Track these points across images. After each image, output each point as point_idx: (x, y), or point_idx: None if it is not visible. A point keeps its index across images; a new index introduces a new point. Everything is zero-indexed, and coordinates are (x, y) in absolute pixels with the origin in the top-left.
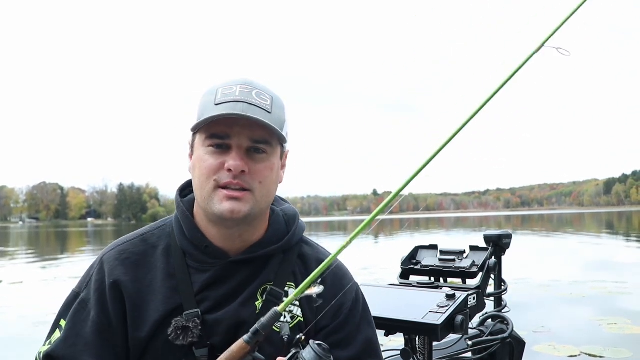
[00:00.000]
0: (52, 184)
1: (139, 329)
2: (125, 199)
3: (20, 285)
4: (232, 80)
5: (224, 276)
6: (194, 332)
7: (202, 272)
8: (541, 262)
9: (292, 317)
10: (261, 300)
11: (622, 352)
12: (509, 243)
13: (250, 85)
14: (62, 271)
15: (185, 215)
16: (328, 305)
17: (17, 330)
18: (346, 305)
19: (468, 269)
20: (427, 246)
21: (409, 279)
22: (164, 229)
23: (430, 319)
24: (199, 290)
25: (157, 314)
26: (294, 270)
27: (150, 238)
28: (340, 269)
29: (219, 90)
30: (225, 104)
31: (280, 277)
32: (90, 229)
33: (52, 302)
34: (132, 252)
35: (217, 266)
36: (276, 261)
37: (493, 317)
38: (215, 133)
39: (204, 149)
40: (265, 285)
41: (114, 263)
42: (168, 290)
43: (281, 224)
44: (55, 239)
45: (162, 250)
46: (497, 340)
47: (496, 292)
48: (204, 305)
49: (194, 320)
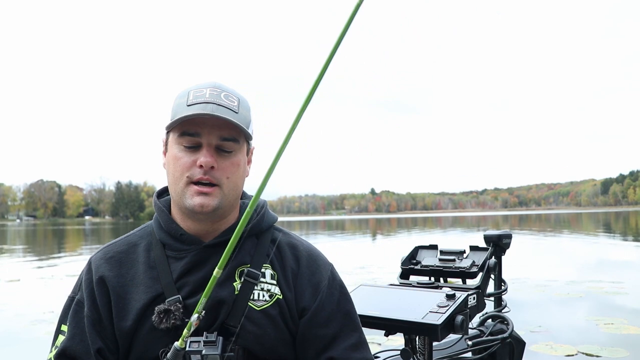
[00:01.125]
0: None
1: (124, 319)
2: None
3: (18, 283)
4: (202, 83)
5: (200, 261)
6: (176, 314)
7: (180, 260)
8: (538, 262)
9: (271, 295)
10: (239, 281)
11: (619, 352)
12: (509, 243)
13: (219, 88)
14: (60, 269)
15: (161, 210)
16: (305, 284)
17: (14, 329)
18: (323, 283)
19: (468, 269)
20: (427, 246)
21: (409, 279)
22: (145, 229)
23: (430, 319)
24: (178, 277)
25: (139, 303)
26: (268, 253)
27: (132, 239)
28: (313, 251)
29: (190, 93)
30: (196, 104)
31: (257, 259)
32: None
33: (49, 300)
34: (116, 251)
35: (193, 251)
36: (250, 244)
37: (493, 317)
38: (187, 131)
39: (177, 146)
40: (242, 268)
41: (99, 262)
42: (149, 280)
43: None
44: (53, 237)
45: (144, 247)
46: (497, 340)
47: (496, 292)
48: (184, 290)
49: (175, 304)
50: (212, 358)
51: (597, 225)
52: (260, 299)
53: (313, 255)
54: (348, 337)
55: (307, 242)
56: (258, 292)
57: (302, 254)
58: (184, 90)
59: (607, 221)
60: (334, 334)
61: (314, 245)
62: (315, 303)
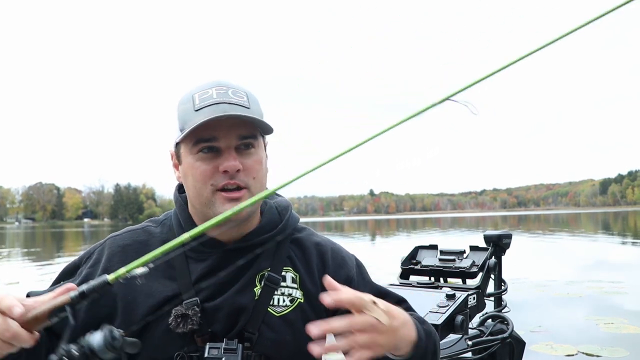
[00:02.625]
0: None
1: (133, 313)
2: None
3: (17, 286)
4: (205, 84)
5: (221, 264)
6: (194, 319)
7: (200, 262)
8: (538, 262)
9: (292, 300)
10: (260, 286)
11: (619, 352)
12: (509, 243)
13: (224, 85)
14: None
15: (182, 208)
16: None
17: None
18: (352, 271)
19: (468, 269)
20: (427, 246)
21: (409, 279)
22: (164, 222)
23: (431, 318)
24: (197, 279)
25: (153, 300)
26: (289, 255)
27: (152, 230)
28: (336, 245)
29: (195, 96)
30: (206, 108)
31: (277, 263)
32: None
33: None
34: (134, 239)
35: (214, 255)
36: (271, 248)
37: (493, 317)
38: (202, 137)
39: (193, 156)
40: (263, 272)
41: (115, 249)
42: (166, 279)
43: (274, 214)
44: (52, 240)
45: (162, 242)
46: (497, 340)
47: (496, 292)
48: (202, 293)
49: (193, 308)
50: None
51: (596, 226)
52: (281, 304)
53: (336, 248)
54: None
55: (329, 238)
56: (278, 297)
57: (327, 249)
58: (187, 95)
59: (606, 221)
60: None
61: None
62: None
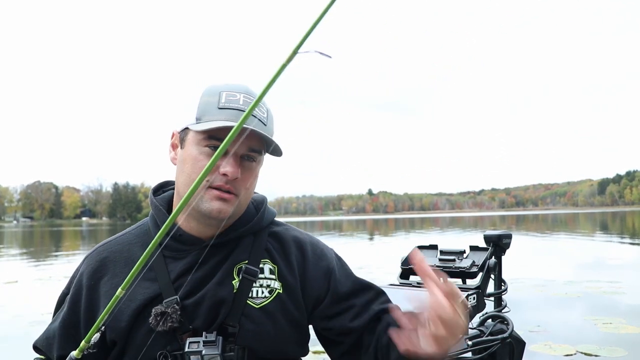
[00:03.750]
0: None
1: (118, 320)
2: (120, 198)
3: (15, 285)
4: (234, 85)
5: (200, 261)
6: (173, 317)
7: (178, 260)
8: (536, 262)
9: (270, 290)
10: (238, 279)
11: (618, 351)
12: (509, 243)
13: (252, 95)
14: (57, 270)
15: (158, 209)
16: (314, 270)
17: (12, 330)
18: (332, 265)
19: (468, 269)
20: (427, 246)
21: (409, 279)
22: (141, 227)
23: None
24: (176, 277)
25: (135, 304)
26: (267, 247)
27: (128, 237)
28: (314, 238)
29: (222, 94)
30: (230, 110)
31: (254, 255)
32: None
33: (47, 301)
34: (111, 250)
35: (193, 252)
36: (247, 241)
37: (493, 317)
38: (215, 136)
39: (200, 148)
40: (240, 265)
41: (93, 265)
42: (146, 281)
43: (250, 208)
44: (50, 239)
45: (140, 246)
46: (497, 340)
47: (496, 292)
48: (182, 291)
49: (172, 306)
50: (212, 358)
51: (594, 226)
52: (259, 296)
53: (315, 242)
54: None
55: (307, 233)
56: (257, 289)
57: (306, 243)
58: (214, 88)
59: (604, 221)
60: (367, 300)
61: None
62: (330, 285)
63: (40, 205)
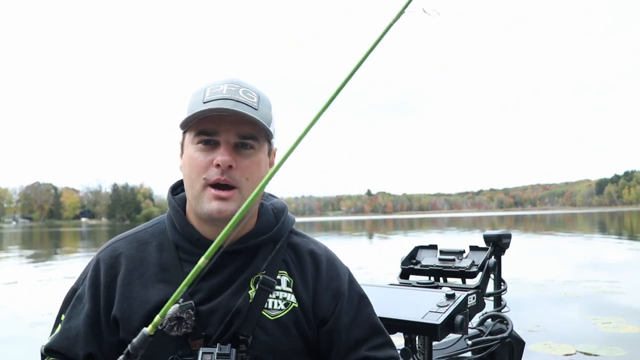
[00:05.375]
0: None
1: (129, 320)
2: (119, 199)
3: (15, 286)
4: (219, 79)
5: (217, 267)
6: (188, 322)
7: (194, 264)
8: (535, 262)
9: (286, 303)
10: (254, 289)
11: (617, 351)
12: (509, 243)
13: (237, 83)
14: (57, 271)
15: (176, 210)
16: (325, 290)
17: (12, 331)
18: (342, 287)
19: (468, 268)
20: (427, 246)
21: (409, 279)
22: (157, 226)
23: (430, 318)
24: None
25: (148, 305)
26: (285, 259)
27: (144, 235)
28: (331, 255)
29: (207, 90)
30: (213, 101)
31: (272, 266)
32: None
33: (47, 302)
34: (125, 248)
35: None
36: (266, 251)
37: (493, 317)
38: (203, 129)
39: (193, 146)
40: (258, 275)
41: (109, 261)
42: (161, 283)
43: (270, 216)
44: (49, 239)
45: (156, 246)
46: (497, 339)
47: (496, 291)
48: (197, 296)
49: (187, 311)
50: None
51: (593, 226)
52: (275, 308)
53: (331, 259)
54: (372, 340)
55: (324, 246)
56: (273, 300)
57: (322, 259)
58: (201, 87)
59: (602, 221)
60: (357, 338)
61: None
62: (336, 309)
63: (40, 206)
